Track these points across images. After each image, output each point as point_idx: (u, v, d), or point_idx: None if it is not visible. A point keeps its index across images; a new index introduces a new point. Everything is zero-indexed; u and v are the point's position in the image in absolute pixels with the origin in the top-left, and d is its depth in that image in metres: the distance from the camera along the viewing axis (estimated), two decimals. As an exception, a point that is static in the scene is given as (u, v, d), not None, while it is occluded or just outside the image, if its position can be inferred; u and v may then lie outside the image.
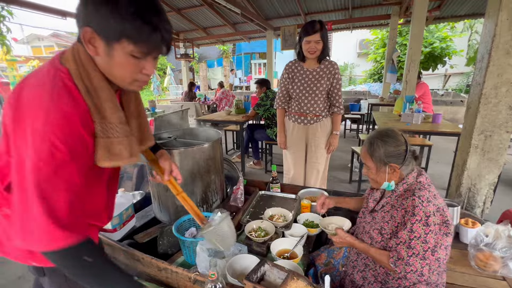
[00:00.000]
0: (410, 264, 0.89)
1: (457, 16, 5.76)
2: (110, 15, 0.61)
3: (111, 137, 0.71)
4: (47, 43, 20.07)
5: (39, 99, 0.60)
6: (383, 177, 1.02)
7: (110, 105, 0.70)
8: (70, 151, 0.62)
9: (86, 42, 0.64)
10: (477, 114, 1.52)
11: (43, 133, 0.58)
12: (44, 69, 0.66)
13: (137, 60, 0.67)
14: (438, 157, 4.15)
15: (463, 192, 1.68)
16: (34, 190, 0.59)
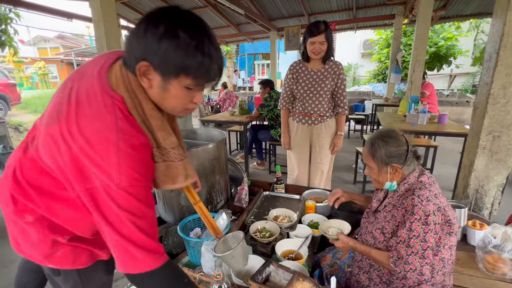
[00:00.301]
0: (409, 262, 0.89)
1: (463, 16, 5.70)
2: (171, 51, 0.59)
3: (167, 160, 0.74)
4: (53, 44, 20.35)
5: (104, 132, 0.60)
6: (385, 177, 1.03)
7: (162, 133, 0.71)
8: (145, 178, 0.65)
9: (140, 75, 0.63)
10: (485, 115, 1.50)
11: (118, 166, 0.59)
12: (96, 96, 0.63)
13: (190, 91, 0.67)
14: (444, 158, 4.10)
15: (471, 193, 1.65)
16: (126, 221, 0.62)
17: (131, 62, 0.63)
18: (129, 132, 0.63)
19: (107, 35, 2.68)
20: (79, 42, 19.81)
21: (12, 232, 0.78)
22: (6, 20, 5.00)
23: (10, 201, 0.73)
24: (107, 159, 0.59)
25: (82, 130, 0.60)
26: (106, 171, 0.59)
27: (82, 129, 0.60)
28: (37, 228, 0.73)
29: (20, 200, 0.72)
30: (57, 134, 0.62)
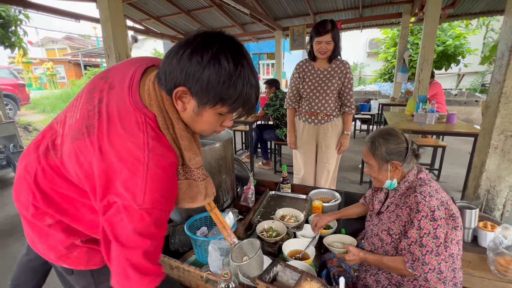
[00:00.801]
0: (427, 262, 0.88)
1: (472, 14, 5.59)
2: (214, 83, 0.58)
3: (189, 178, 0.75)
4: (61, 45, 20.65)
5: (134, 151, 0.59)
6: (385, 175, 1.03)
7: (189, 153, 0.72)
8: (168, 201, 0.64)
9: (175, 99, 0.63)
10: (497, 114, 1.47)
11: (144, 187, 0.58)
12: (129, 113, 0.62)
13: (222, 116, 0.68)
14: (452, 158, 4.04)
15: (482, 194, 1.62)
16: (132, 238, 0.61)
17: (167, 83, 0.62)
18: (160, 151, 0.62)
19: (114, 35, 2.70)
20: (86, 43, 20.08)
21: (29, 233, 0.79)
22: (16, 21, 5.10)
23: (30, 205, 0.73)
24: (135, 178, 0.58)
25: (113, 147, 0.59)
26: (131, 190, 0.58)
27: (113, 146, 0.60)
28: (55, 230, 0.74)
29: (42, 206, 0.72)
30: (88, 148, 0.62)
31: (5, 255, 2.10)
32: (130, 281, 0.63)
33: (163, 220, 0.65)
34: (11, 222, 2.60)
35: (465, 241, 1.41)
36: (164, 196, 0.62)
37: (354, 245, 1.18)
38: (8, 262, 2.02)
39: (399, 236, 0.98)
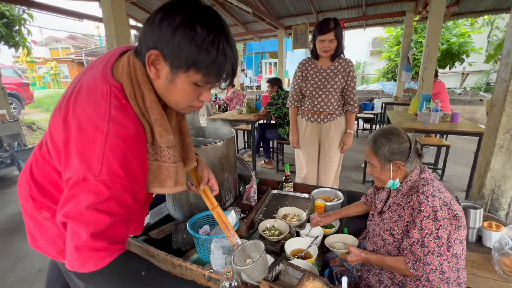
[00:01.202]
0: (428, 263, 0.88)
1: (477, 12, 5.53)
2: (185, 44, 0.57)
3: (159, 160, 0.68)
4: (64, 45, 20.79)
5: (95, 119, 0.56)
6: (388, 175, 1.02)
7: (159, 128, 0.67)
8: (127, 175, 0.58)
9: (148, 64, 0.61)
10: (503, 112, 1.45)
11: (102, 157, 0.55)
12: (96, 84, 0.61)
13: (198, 87, 0.64)
14: (456, 158, 4.01)
15: (486, 194, 1.60)
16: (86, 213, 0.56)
17: (142, 49, 0.61)
18: (123, 121, 0.58)
19: (117, 34, 2.71)
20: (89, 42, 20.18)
21: (30, 228, 0.80)
22: (20, 21, 5.13)
23: (28, 197, 0.74)
24: (92, 147, 0.55)
25: (76, 116, 0.58)
26: (87, 160, 0.55)
27: (76, 115, 0.58)
28: (53, 223, 0.74)
29: (38, 197, 0.73)
30: (57, 123, 0.61)
31: (10, 252, 2.12)
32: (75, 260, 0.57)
33: (128, 199, 0.59)
34: (16, 220, 2.63)
35: (470, 241, 1.40)
36: (124, 168, 0.57)
37: (355, 245, 1.18)
38: (13, 259, 2.04)
39: (401, 236, 0.97)
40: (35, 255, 2.06)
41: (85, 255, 0.57)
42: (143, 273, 0.63)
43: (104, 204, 0.56)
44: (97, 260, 0.57)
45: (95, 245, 0.57)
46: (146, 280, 0.63)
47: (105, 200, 0.56)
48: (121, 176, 0.56)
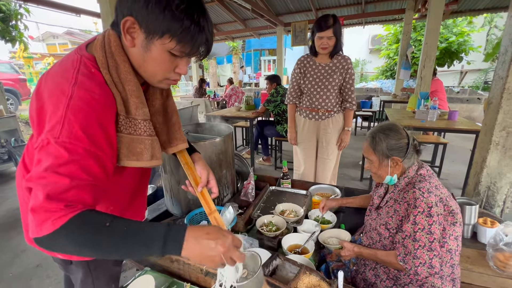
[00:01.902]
0: (418, 257, 0.89)
1: (476, 10, 5.53)
2: (159, 9, 0.57)
3: (133, 134, 0.67)
4: (61, 40, 20.61)
5: (61, 84, 0.57)
6: (386, 170, 1.03)
7: (135, 100, 0.66)
8: (90, 139, 0.56)
9: (124, 32, 0.61)
10: (499, 110, 1.46)
11: (63, 118, 0.54)
12: (69, 57, 0.63)
13: (174, 58, 0.64)
14: (453, 156, 4.03)
15: (482, 190, 1.62)
16: (45, 175, 0.53)
17: (118, 18, 0.62)
18: (88, 86, 0.58)
19: (115, 29, 2.68)
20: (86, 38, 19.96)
21: (26, 222, 0.79)
22: (17, 15, 5.08)
23: (24, 189, 0.74)
24: (56, 110, 0.54)
25: (47, 85, 0.60)
26: (51, 122, 0.54)
27: (47, 84, 0.60)
28: None
29: None
30: (32, 96, 0.63)
31: (7, 248, 2.12)
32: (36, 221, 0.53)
33: (92, 165, 0.56)
34: (14, 215, 2.63)
35: (465, 237, 1.42)
36: (86, 132, 0.55)
37: (349, 239, 1.19)
38: (11, 254, 2.04)
39: (396, 231, 0.99)
40: (33, 251, 2.06)
41: (41, 216, 0.52)
42: (108, 224, 0.56)
43: (64, 167, 0.53)
44: (53, 220, 0.52)
45: (50, 207, 0.52)
46: (111, 229, 0.55)
47: (65, 163, 0.53)
48: (82, 139, 0.55)
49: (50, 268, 1.89)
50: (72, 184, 0.54)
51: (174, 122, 0.86)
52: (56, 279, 1.80)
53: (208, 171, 0.91)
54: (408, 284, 0.96)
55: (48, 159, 0.53)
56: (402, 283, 0.98)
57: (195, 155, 0.94)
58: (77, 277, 0.91)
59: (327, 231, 1.32)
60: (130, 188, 0.86)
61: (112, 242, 0.55)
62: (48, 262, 1.94)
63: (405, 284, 0.97)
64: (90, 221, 0.55)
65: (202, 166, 0.91)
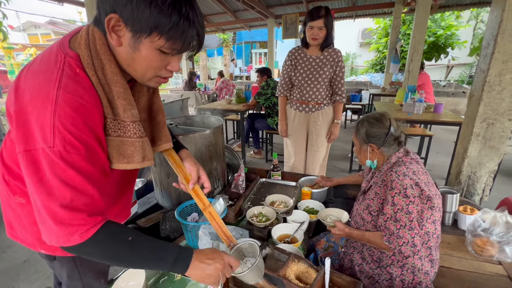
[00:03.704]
0: (401, 236, 0.95)
1: (463, 5, 5.63)
2: (144, 5, 0.54)
3: (122, 136, 0.65)
4: (44, 30, 19.75)
5: (45, 87, 0.54)
6: (365, 155, 1.12)
7: (123, 102, 0.64)
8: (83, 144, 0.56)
9: (109, 30, 0.57)
10: (480, 102, 1.52)
11: (52, 127, 0.52)
12: (51, 54, 0.59)
13: (164, 55, 0.61)
14: (438, 148, 4.16)
15: (463, 180, 1.69)
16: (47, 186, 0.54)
17: (101, 17, 0.58)
18: (74, 91, 0.55)
19: (100, 19, 2.60)
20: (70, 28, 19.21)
21: (7, 216, 0.78)
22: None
23: (3, 181, 0.72)
24: (44, 117, 0.52)
25: (27, 86, 0.56)
26: (41, 131, 0.53)
27: (27, 85, 0.56)
28: (29, 209, 0.71)
29: (11, 181, 0.71)
30: (10, 91, 0.59)
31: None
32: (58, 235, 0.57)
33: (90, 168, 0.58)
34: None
35: (446, 224, 1.48)
36: (79, 139, 0.55)
37: (346, 219, 1.28)
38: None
39: (377, 213, 1.04)
40: (19, 246, 2.00)
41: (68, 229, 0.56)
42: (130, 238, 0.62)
43: (68, 177, 0.55)
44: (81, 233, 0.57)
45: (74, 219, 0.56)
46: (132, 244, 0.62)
47: (64, 171, 0.54)
48: (76, 146, 0.55)
49: (38, 263, 1.86)
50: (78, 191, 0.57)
51: (159, 121, 0.83)
52: (44, 274, 1.78)
53: (198, 167, 0.90)
54: (390, 265, 1.02)
55: (50, 171, 0.54)
56: (384, 264, 1.03)
57: (183, 152, 0.93)
58: (62, 274, 0.88)
59: (328, 209, 1.41)
60: (117, 186, 0.84)
61: (131, 255, 0.63)
62: (35, 258, 1.91)
63: (387, 265, 1.02)
64: (114, 235, 0.62)
65: (191, 162, 0.90)
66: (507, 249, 1.17)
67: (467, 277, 1.14)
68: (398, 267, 1.01)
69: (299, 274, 0.96)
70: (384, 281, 1.02)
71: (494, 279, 1.13)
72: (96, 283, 0.96)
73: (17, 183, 0.70)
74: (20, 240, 0.79)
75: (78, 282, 0.91)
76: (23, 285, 1.70)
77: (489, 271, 1.16)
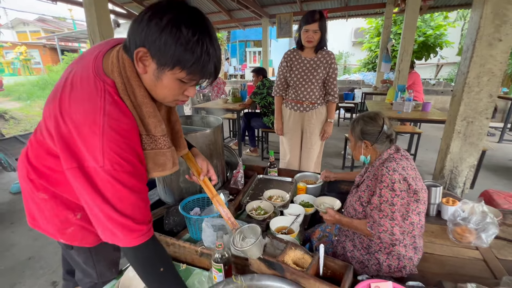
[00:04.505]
0: (382, 224, 1.05)
1: (451, 6, 5.82)
2: (171, 43, 0.61)
3: (155, 148, 0.75)
4: (33, 28, 19.31)
5: (91, 114, 0.62)
6: (359, 151, 1.21)
7: (153, 120, 0.72)
8: (130, 164, 0.65)
9: (136, 60, 0.64)
10: (461, 102, 1.63)
11: (102, 149, 0.61)
12: (89, 79, 0.66)
13: (183, 84, 0.69)
14: (427, 145, 4.32)
15: (446, 174, 1.81)
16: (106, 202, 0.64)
17: (130, 46, 0.65)
18: (116, 116, 0.64)
19: (98, 20, 2.63)
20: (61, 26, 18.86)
21: (30, 208, 0.85)
22: (-15, 1, 4.74)
23: (27, 179, 0.80)
24: (93, 141, 0.61)
25: (73, 111, 0.63)
26: (92, 152, 0.61)
27: (72, 110, 0.63)
28: (51, 204, 0.80)
29: (35, 179, 0.78)
30: (53, 112, 0.66)
31: (-5, 243, 2.11)
32: (115, 236, 0.68)
33: (129, 182, 0.66)
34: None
35: (430, 215, 1.60)
36: (124, 158, 0.64)
37: (338, 207, 1.45)
38: (0, 249, 2.03)
39: (367, 204, 1.14)
40: (23, 244, 2.07)
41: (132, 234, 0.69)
42: (162, 269, 0.76)
43: (114, 190, 0.65)
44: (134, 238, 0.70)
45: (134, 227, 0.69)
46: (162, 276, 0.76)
47: (113, 186, 0.64)
48: (122, 164, 0.64)
49: (42, 260, 1.91)
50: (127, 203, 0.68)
51: (177, 130, 0.95)
52: (50, 269, 1.83)
53: (207, 162, 1.08)
54: (378, 251, 1.12)
55: (102, 185, 0.64)
56: (373, 251, 1.13)
57: (193, 149, 1.10)
58: (78, 261, 0.97)
59: (323, 197, 1.56)
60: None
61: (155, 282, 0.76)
62: (40, 255, 1.96)
63: (375, 252, 1.12)
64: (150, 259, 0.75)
65: (202, 158, 1.08)
66: (483, 236, 1.29)
67: (448, 261, 1.25)
68: (385, 253, 1.11)
69: (296, 260, 1.05)
70: (372, 266, 1.13)
71: (472, 263, 1.24)
72: (108, 272, 1.05)
73: (42, 181, 0.78)
74: (42, 230, 0.87)
75: (92, 270, 0.99)
76: (29, 281, 1.75)
77: (467, 256, 1.28)
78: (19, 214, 2.51)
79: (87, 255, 0.95)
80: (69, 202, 0.81)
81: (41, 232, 0.88)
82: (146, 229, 0.72)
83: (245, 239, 1.00)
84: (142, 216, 0.71)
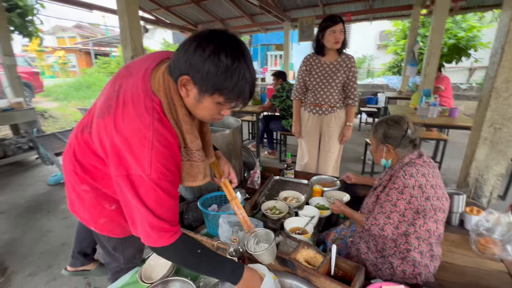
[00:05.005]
0: (376, 219, 1.08)
1: (485, 6, 5.49)
2: (213, 73, 0.68)
3: (191, 160, 0.84)
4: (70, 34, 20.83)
5: (142, 130, 0.71)
6: (381, 154, 1.21)
7: (190, 136, 0.82)
8: (172, 174, 0.75)
9: (180, 85, 0.73)
10: (488, 107, 1.56)
11: (150, 160, 0.70)
12: (139, 97, 0.74)
13: (221, 105, 0.77)
14: (455, 152, 4.09)
15: (471, 182, 1.73)
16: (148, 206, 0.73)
17: (175, 73, 0.73)
18: (163, 132, 0.73)
19: (130, 26, 2.83)
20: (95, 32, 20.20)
21: (71, 196, 0.97)
22: (32, 10, 5.26)
23: (72, 172, 0.91)
24: (142, 153, 0.70)
25: (126, 126, 0.72)
26: (140, 163, 0.70)
27: (125, 125, 0.72)
28: (91, 195, 0.92)
29: (80, 173, 0.89)
30: (107, 125, 0.75)
31: (35, 228, 2.33)
32: (151, 237, 0.77)
33: (170, 189, 0.76)
34: (37, 200, 2.85)
35: (453, 224, 1.54)
36: (167, 169, 0.73)
37: (346, 200, 1.54)
38: (37, 234, 2.25)
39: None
40: (57, 231, 2.27)
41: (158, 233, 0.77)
42: (199, 250, 0.84)
43: (159, 197, 0.74)
44: (167, 238, 0.78)
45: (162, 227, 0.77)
46: (201, 255, 0.84)
47: (155, 192, 0.73)
48: (165, 174, 0.73)
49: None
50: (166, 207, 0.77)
51: (207, 140, 1.03)
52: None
53: (229, 166, 1.15)
54: (392, 255, 1.11)
55: (146, 191, 0.73)
56: (386, 254, 1.13)
57: (217, 152, 1.17)
58: (108, 246, 1.08)
59: (333, 191, 1.68)
60: None
61: (198, 263, 0.84)
62: (71, 241, 2.09)
63: (389, 255, 1.12)
64: (188, 246, 0.84)
65: (224, 161, 1.16)
66: (509, 248, 1.23)
67: (469, 272, 1.21)
68: (399, 258, 1.10)
69: (308, 258, 1.08)
70: (386, 270, 1.12)
71: (495, 275, 1.19)
72: (133, 259, 1.14)
73: (87, 176, 0.89)
74: (78, 216, 0.99)
75: (121, 256, 1.09)
76: (63, 263, 1.92)
77: (490, 268, 1.23)
78: (55, 204, 2.75)
79: (117, 241, 1.05)
80: (106, 195, 0.92)
81: (77, 218, 1.00)
82: (178, 228, 0.82)
83: (259, 243, 1.05)
84: (175, 218, 0.81)
